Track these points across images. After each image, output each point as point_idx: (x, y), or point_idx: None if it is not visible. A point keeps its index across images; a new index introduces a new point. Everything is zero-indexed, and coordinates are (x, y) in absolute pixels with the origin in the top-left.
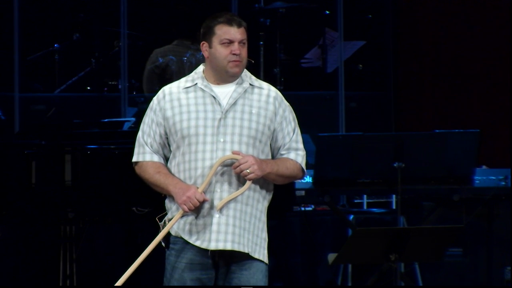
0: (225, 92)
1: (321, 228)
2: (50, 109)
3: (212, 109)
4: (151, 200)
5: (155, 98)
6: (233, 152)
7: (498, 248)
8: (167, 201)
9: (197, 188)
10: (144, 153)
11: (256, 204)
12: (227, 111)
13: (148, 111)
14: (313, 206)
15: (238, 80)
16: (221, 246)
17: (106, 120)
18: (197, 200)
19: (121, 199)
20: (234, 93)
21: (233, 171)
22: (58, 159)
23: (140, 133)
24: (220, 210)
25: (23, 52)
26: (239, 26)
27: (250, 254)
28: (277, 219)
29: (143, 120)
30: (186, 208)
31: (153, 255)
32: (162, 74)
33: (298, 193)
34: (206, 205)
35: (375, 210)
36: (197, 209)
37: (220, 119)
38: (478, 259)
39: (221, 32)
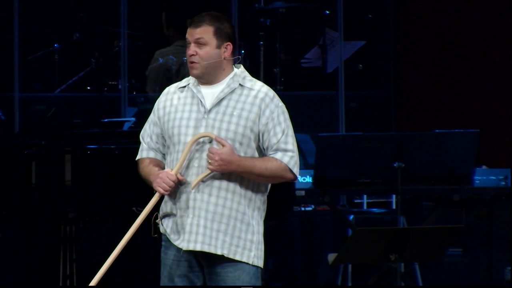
0: (213, 92)
1: (321, 228)
2: (50, 109)
3: (196, 109)
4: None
5: (158, 99)
6: (216, 138)
7: (498, 248)
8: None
9: (171, 170)
10: (142, 150)
11: (236, 206)
12: (209, 111)
13: (152, 110)
14: (313, 206)
15: (229, 80)
16: (191, 246)
17: (106, 120)
18: (170, 179)
19: (121, 199)
20: (220, 94)
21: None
22: (58, 159)
23: (141, 132)
24: (193, 211)
25: (23, 52)
26: (195, 26)
27: (226, 256)
28: (277, 219)
29: (147, 119)
30: (161, 189)
31: (152, 254)
32: (171, 76)
33: (298, 193)
34: (184, 205)
35: (375, 210)
36: (177, 207)
37: (201, 120)
38: (478, 259)
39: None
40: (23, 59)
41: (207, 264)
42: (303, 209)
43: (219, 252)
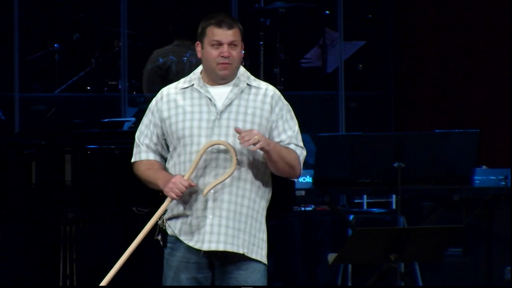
0: (221, 93)
1: (321, 228)
2: (50, 109)
3: (207, 110)
4: (151, 200)
5: (153, 99)
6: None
7: (498, 248)
8: None
9: (183, 175)
10: (140, 152)
11: (252, 205)
12: (222, 112)
13: (147, 112)
14: (313, 206)
15: (235, 80)
16: (213, 247)
17: (106, 120)
18: (182, 185)
19: (121, 199)
20: (230, 94)
21: (240, 142)
22: (58, 159)
23: (137, 134)
24: (213, 211)
25: (23, 52)
26: (229, 28)
27: (246, 254)
28: (278, 219)
29: (141, 121)
30: (173, 195)
31: (154, 254)
32: (165, 75)
33: (298, 193)
34: (201, 206)
35: (375, 210)
36: (192, 208)
37: (214, 120)
38: (478, 259)
39: (211, 33)
40: (23, 59)
41: (219, 263)
42: (303, 209)
43: (240, 251)
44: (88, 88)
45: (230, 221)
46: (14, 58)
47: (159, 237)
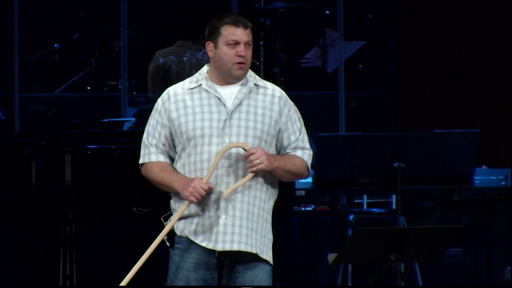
0: (230, 92)
1: (321, 228)
2: (50, 109)
3: (217, 110)
4: (151, 200)
5: (159, 100)
6: (240, 145)
7: (498, 248)
8: (172, 202)
9: (201, 179)
10: (150, 154)
11: (263, 205)
12: (232, 112)
13: (153, 112)
14: (313, 206)
15: (242, 80)
16: (228, 247)
17: (106, 120)
18: (202, 189)
19: (121, 199)
20: (239, 94)
21: (244, 160)
22: (58, 159)
23: (145, 135)
24: (226, 211)
25: (23, 52)
26: (245, 27)
27: (258, 254)
28: (277, 219)
29: (148, 122)
30: (193, 199)
31: (156, 254)
32: (165, 75)
33: (298, 193)
34: (213, 206)
35: (375, 210)
36: (203, 208)
37: (225, 120)
38: (478, 259)
39: (227, 33)
40: (23, 59)
41: (228, 263)
42: (303, 209)
43: (254, 251)
44: (88, 88)
45: (244, 221)
46: (14, 58)
47: (165, 238)
